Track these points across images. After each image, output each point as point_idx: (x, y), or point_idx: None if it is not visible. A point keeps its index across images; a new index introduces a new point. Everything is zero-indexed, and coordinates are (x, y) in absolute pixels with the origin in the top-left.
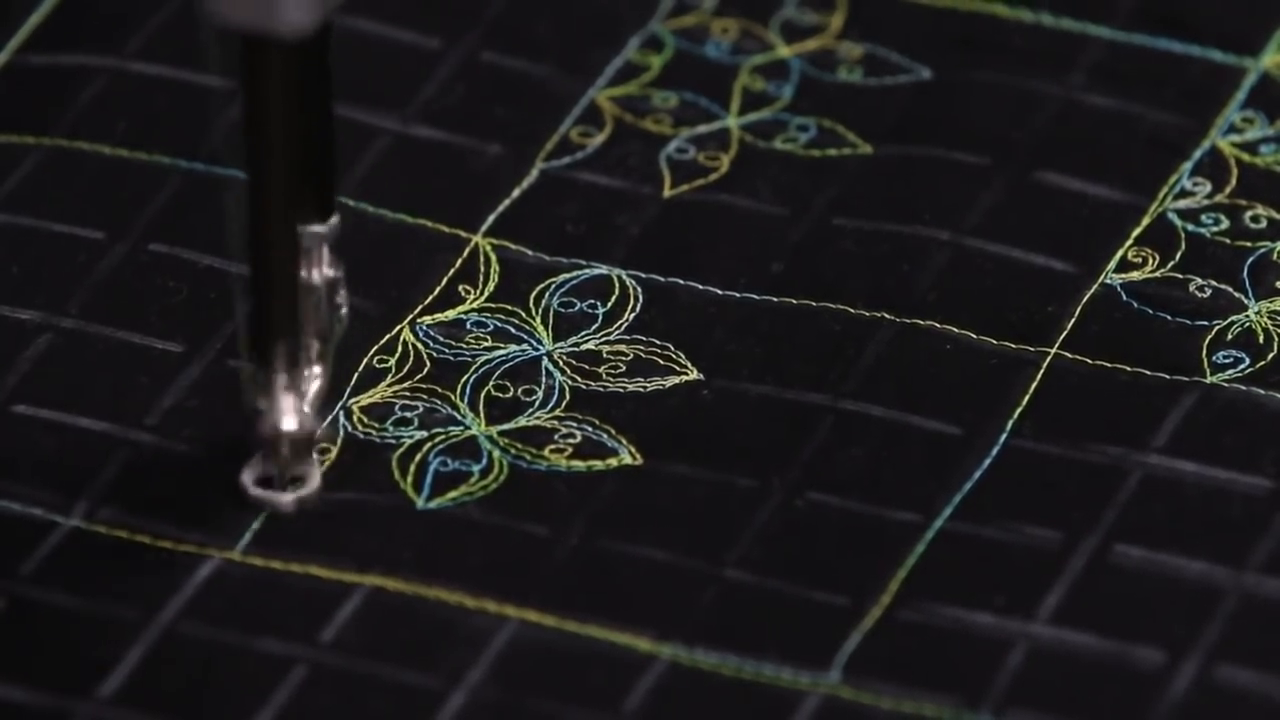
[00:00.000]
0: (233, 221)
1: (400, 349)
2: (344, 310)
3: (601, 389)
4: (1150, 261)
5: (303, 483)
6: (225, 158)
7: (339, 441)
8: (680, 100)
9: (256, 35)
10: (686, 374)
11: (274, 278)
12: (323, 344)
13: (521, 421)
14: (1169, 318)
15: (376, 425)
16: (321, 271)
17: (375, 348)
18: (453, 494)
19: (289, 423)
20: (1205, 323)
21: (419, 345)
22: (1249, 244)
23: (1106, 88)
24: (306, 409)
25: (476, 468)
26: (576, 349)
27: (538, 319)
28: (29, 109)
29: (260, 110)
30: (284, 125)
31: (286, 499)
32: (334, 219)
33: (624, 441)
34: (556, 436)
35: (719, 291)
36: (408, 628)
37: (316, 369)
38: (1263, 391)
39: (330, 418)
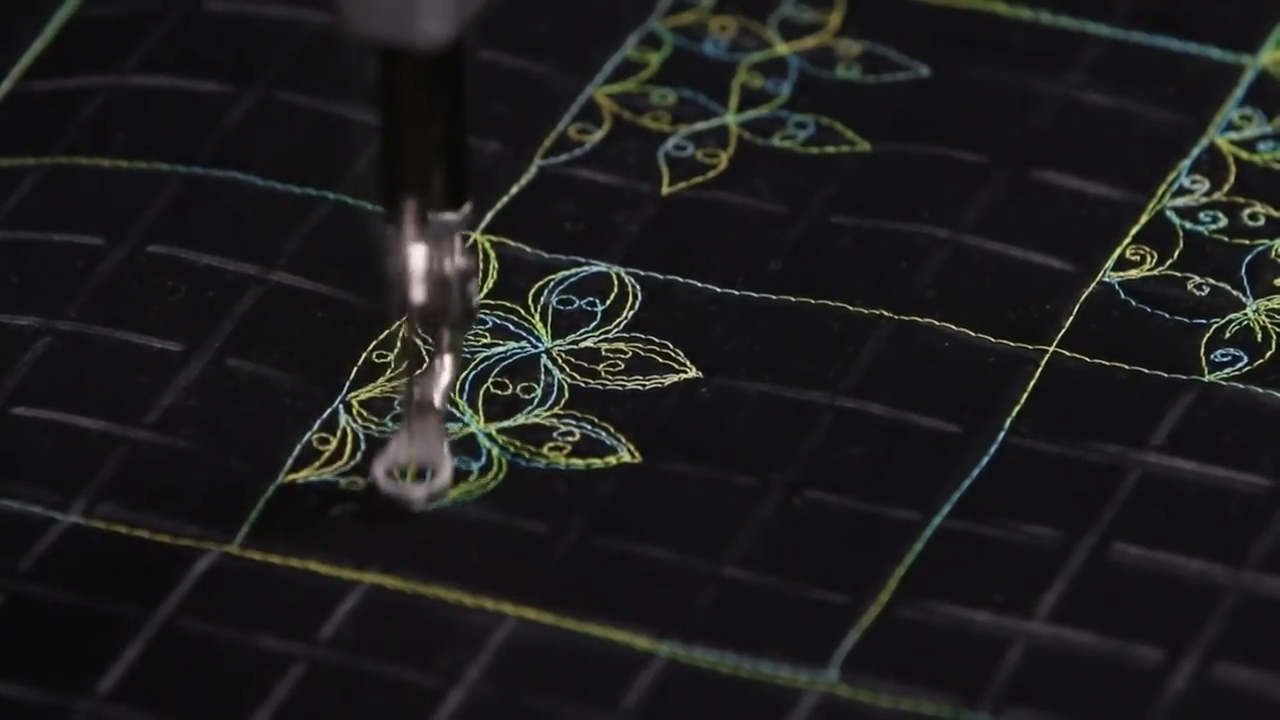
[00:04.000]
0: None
1: (399, 344)
2: (476, 302)
3: (600, 387)
4: (1148, 260)
5: (434, 474)
6: (227, 161)
7: (338, 435)
8: (679, 97)
9: (394, 48)
10: (685, 372)
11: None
12: (454, 335)
13: (520, 419)
14: (1167, 316)
15: (376, 420)
16: (454, 261)
17: (374, 342)
18: (452, 493)
19: (417, 294)
20: (1203, 321)
21: (418, 340)
22: (1247, 242)
23: (1105, 86)
24: (438, 400)
25: (476, 465)
26: (575, 346)
27: (536, 316)
28: (32, 133)
29: (396, 121)
30: (418, 135)
31: (418, 493)
32: (466, 208)
33: (623, 439)
34: (555, 434)
35: (718, 289)
36: (406, 625)
37: (448, 360)
38: (1261, 390)
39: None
